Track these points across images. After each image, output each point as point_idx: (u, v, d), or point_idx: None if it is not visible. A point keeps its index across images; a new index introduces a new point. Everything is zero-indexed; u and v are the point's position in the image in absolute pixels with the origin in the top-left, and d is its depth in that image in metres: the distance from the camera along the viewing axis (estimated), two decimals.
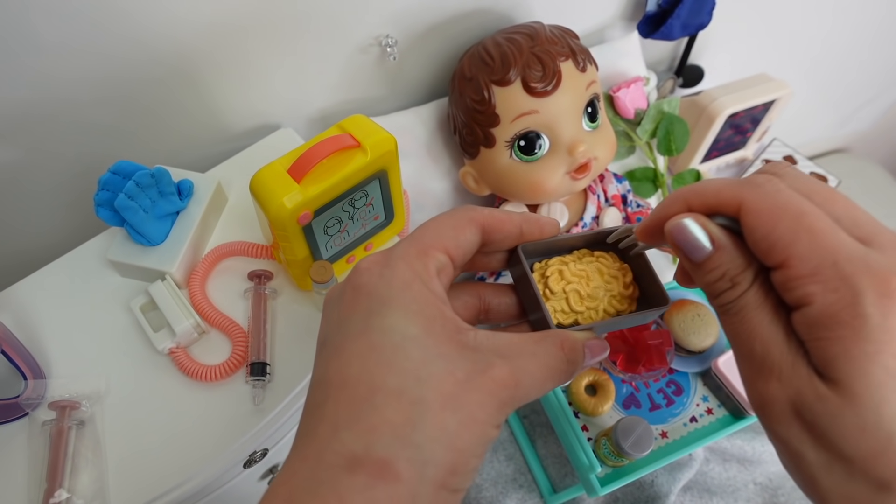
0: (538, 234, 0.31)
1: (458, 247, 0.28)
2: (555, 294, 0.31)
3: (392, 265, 0.26)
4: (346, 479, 0.23)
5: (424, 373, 0.24)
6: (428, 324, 0.25)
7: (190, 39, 0.52)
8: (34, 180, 0.56)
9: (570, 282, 0.31)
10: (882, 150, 1.51)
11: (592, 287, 0.31)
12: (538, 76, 0.56)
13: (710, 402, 0.56)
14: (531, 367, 0.26)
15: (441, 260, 0.27)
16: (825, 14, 0.98)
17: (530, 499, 0.60)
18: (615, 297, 0.31)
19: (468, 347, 0.25)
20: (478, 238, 0.29)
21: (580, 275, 0.31)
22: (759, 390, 0.23)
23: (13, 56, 0.46)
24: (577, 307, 0.30)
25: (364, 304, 0.26)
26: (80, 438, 0.44)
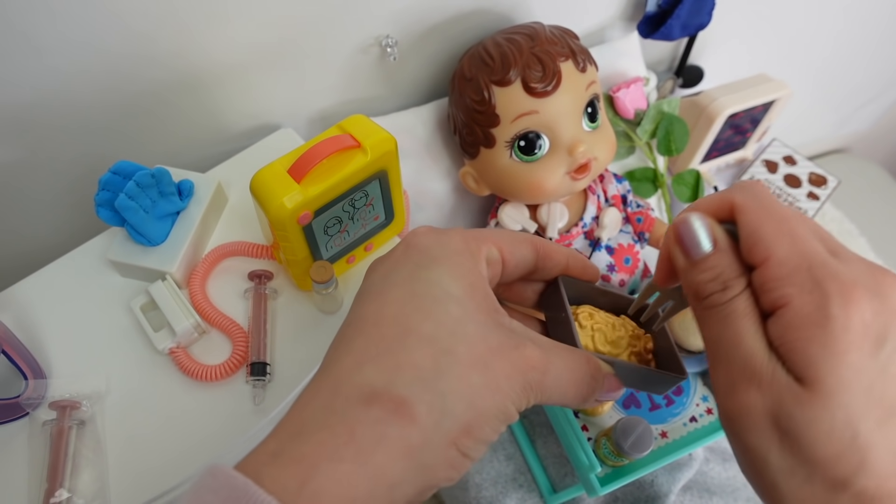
0: (580, 271, 0.32)
1: (512, 253, 0.29)
2: (583, 328, 0.32)
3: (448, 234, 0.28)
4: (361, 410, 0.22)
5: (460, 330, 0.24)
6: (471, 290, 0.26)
7: (190, 40, 0.52)
8: (34, 180, 0.56)
9: (597, 322, 0.32)
10: (882, 150, 1.51)
11: (617, 336, 0.32)
12: (538, 76, 0.56)
13: (710, 401, 0.56)
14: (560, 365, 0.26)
15: (493, 252, 0.28)
16: (825, 14, 0.98)
17: (530, 498, 0.60)
18: (635, 355, 0.32)
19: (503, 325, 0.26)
20: (532, 257, 0.30)
21: (608, 321, 0.32)
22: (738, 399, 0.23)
23: (13, 57, 0.46)
24: (601, 347, 0.31)
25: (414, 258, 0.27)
26: (80, 438, 0.44)
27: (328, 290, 0.48)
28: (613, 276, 0.66)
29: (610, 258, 0.66)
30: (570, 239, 0.65)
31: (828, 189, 0.87)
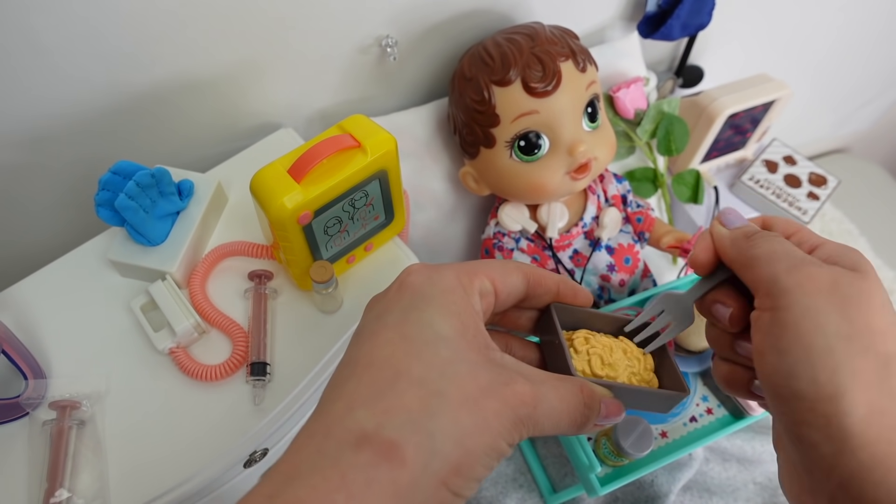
0: (572, 297, 0.33)
1: (505, 284, 0.30)
2: (578, 353, 0.32)
3: (441, 271, 0.28)
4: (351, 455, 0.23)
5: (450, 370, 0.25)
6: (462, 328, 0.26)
7: (190, 40, 0.52)
8: (35, 181, 0.56)
9: (594, 346, 0.32)
10: (882, 150, 1.51)
11: (615, 358, 0.32)
12: (538, 76, 0.56)
13: (710, 401, 0.56)
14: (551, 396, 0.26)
15: (486, 285, 0.29)
16: (825, 14, 0.98)
17: (530, 498, 0.60)
18: (635, 376, 0.32)
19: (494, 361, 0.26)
20: (523, 286, 0.31)
21: (605, 344, 0.32)
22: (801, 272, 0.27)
23: (13, 57, 0.46)
24: (598, 371, 0.31)
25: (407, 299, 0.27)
26: (80, 438, 0.44)
27: (328, 290, 0.48)
28: (613, 276, 0.66)
29: (610, 258, 0.66)
30: (570, 239, 0.65)
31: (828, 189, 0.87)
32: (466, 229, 0.75)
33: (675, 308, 0.35)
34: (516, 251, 0.66)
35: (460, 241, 0.76)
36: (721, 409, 0.56)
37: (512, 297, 0.31)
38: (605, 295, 0.67)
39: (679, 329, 0.35)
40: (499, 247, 0.66)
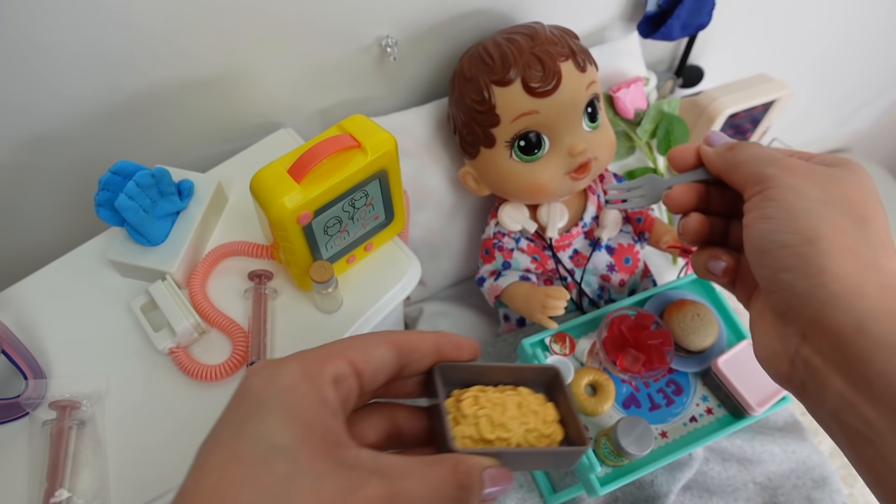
0: (456, 353, 0.30)
1: (367, 361, 0.27)
2: (465, 417, 0.29)
3: (283, 366, 0.26)
4: None
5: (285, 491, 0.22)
6: (304, 432, 0.24)
7: (190, 40, 0.52)
8: (35, 181, 0.56)
9: (483, 407, 0.29)
10: (882, 150, 1.51)
11: (507, 417, 0.29)
12: (538, 76, 0.56)
13: (710, 401, 0.56)
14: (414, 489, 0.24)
15: (341, 368, 0.26)
16: (825, 14, 0.98)
17: (530, 499, 0.60)
18: (531, 433, 0.29)
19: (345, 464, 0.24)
20: (392, 357, 0.28)
21: (496, 402, 0.29)
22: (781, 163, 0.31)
23: (13, 57, 0.46)
24: (487, 434, 0.28)
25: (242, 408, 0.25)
26: (80, 438, 0.44)
27: (328, 290, 0.48)
28: (613, 276, 0.66)
29: (610, 258, 0.66)
30: (569, 239, 0.65)
31: None
32: (466, 229, 0.75)
33: (651, 187, 0.38)
34: (516, 251, 0.66)
35: (460, 241, 0.76)
36: (721, 408, 0.56)
37: (381, 372, 0.28)
38: (605, 295, 0.67)
39: (644, 203, 0.39)
40: (499, 247, 0.66)
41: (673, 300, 0.59)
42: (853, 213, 0.28)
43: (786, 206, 0.28)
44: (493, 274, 0.66)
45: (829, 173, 0.29)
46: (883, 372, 0.25)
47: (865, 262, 0.27)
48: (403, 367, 0.29)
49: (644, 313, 0.54)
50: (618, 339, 0.53)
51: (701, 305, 0.57)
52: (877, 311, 0.25)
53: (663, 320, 0.57)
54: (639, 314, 0.54)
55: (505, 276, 0.65)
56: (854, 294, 0.26)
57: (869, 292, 0.26)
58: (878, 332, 0.25)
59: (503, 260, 0.66)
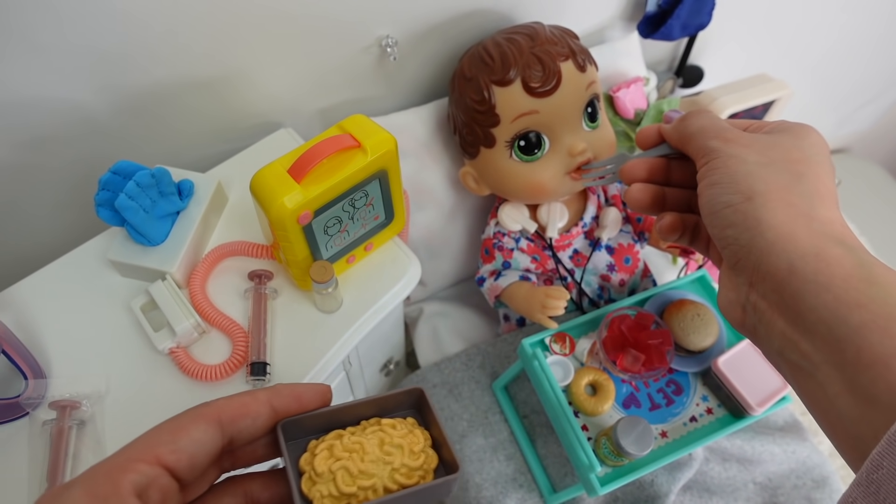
0: (296, 406, 0.27)
1: (179, 451, 0.24)
2: (321, 476, 0.26)
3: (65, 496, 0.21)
4: None
5: None
6: None
7: (190, 40, 0.52)
8: (35, 181, 0.56)
9: (339, 458, 0.26)
10: (882, 150, 1.51)
11: (367, 462, 0.26)
12: (538, 76, 0.56)
13: (710, 401, 0.56)
14: None
15: (146, 473, 0.23)
16: (825, 14, 0.98)
17: (530, 499, 0.60)
18: (398, 471, 0.27)
19: None
20: (212, 435, 0.25)
21: (353, 449, 0.26)
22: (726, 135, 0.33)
23: (14, 56, 0.46)
24: (347, 488, 0.26)
25: None
26: (80, 438, 0.44)
27: (328, 290, 0.48)
28: (613, 276, 0.66)
29: (610, 258, 0.66)
30: (570, 238, 0.65)
31: None
32: (466, 229, 0.75)
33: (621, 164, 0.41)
34: (516, 251, 0.66)
35: (460, 240, 0.76)
36: (721, 408, 0.56)
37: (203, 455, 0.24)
38: (605, 295, 0.67)
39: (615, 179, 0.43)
40: (499, 247, 0.66)
41: (673, 300, 0.59)
42: (790, 171, 0.30)
43: (727, 172, 0.31)
44: (492, 274, 0.66)
45: (770, 139, 0.32)
46: (813, 307, 0.27)
47: (799, 211, 0.29)
48: (234, 439, 0.26)
49: (644, 313, 0.54)
50: (618, 338, 0.53)
51: (701, 305, 0.57)
52: (806, 254, 0.28)
53: (663, 320, 0.57)
54: (639, 314, 0.54)
55: (505, 276, 0.65)
56: (786, 240, 0.28)
57: (799, 237, 0.28)
58: (806, 272, 0.27)
59: (503, 260, 0.66)
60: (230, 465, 0.27)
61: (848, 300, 0.26)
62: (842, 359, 0.25)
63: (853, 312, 0.25)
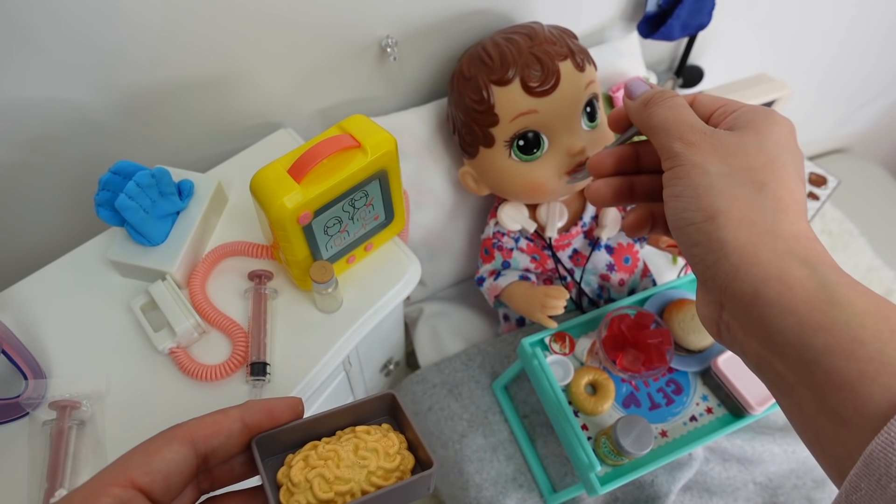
0: (269, 422, 0.27)
1: (153, 472, 0.24)
2: (297, 486, 0.26)
3: None
4: None
5: None
6: None
7: (190, 40, 0.52)
8: (35, 181, 0.56)
9: (314, 467, 0.27)
10: (882, 150, 1.51)
11: (343, 468, 0.27)
12: (537, 76, 0.56)
13: (710, 401, 0.56)
14: None
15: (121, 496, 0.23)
16: (825, 14, 0.98)
17: (530, 498, 0.60)
18: (374, 474, 0.27)
19: None
20: (185, 454, 0.25)
21: (327, 456, 0.27)
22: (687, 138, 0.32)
23: (14, 56, 0.46)
24: (324, 494, 0.26)
25: None
26: (80, 438, 0.45)
27: (328, 290, 0.48)
28: (613, 276, 0.66)
29: (609, 257, 0.66)
30: (569, 238, 0.65)
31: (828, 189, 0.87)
32: (466, 229, 0.75)
33: None
34: (515, 251, 0.66)
35: (460, 240, 0.76)
36: (721, 408, 0.56)
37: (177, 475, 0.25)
38: (604, 294, 0.67)
39: None
40: (498, 246, 0.66)
41: (673, 299, 0.59)
42: (752, 181, 0.30)
43: (690, 185, 0.30)
44: (492, 273, 0.66)
45: (734, 142, 0.31)
46: (780, 331, 0.26)
47: (762, 229, 0.29)
48: (209, 458, 0.26)
49: (644, 312, 0.54)
50: (617, 338, 0.53)
51: None
52: (769, 277, 0.27)
53: (663, 319, 0.57)
54: (638, 313, 0.54)
55: (504, 276, 0.65)
56: (750, 264, 0.28)
57: (763, 260, 0.28)
58: (770, 296, 0.27)
59: (503, 259, 0.66)
60: (208, 485, 0.27)
61: (812, 323, 0.26)
62: (812, 380, 0.25)
63: (817, 336, 0.25)
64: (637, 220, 0.37)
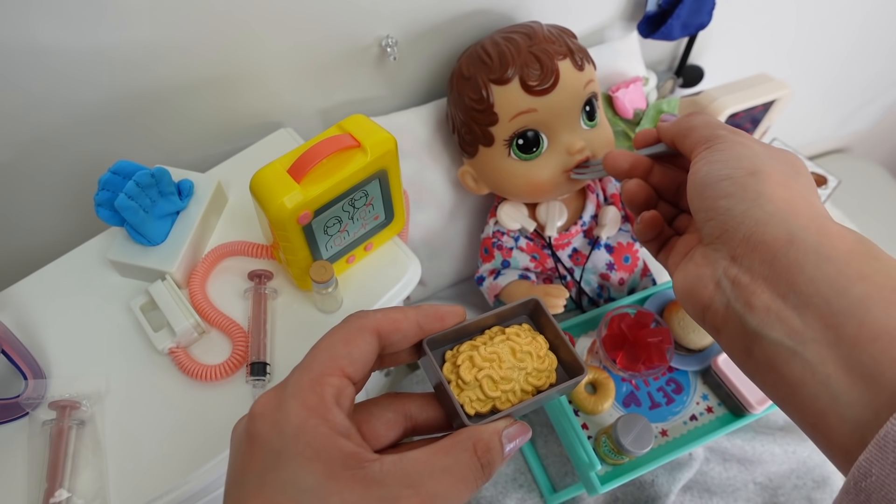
0: (439, 325, 0.30)
1: (354, 362, 0.27)
2: (468, 384, 0.30)
3: (285, 407, 0.26)
4: None
5: None
6: (327, 468, 0.24)
7: (191, 40, 0.52)
8: (34, 180, 0.56)
9: (481, 368, 0.30)
10: (882, 150, 1.51)
11: (506, 369, 0.30)
12: (536, 75, 0.56)
13: (710, 400, 0.56)
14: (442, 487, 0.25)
15: (336, 385, 0.26)
16: (825, 14, 0.98)
17: (530, 498, 0.60)
18: (530, 375, 0.31)
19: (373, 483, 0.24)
20: (374, 345, 0.28)
21: (491, 358, 0.30)
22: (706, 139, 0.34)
23: (13, 56, 0.46)
24: (492, 393, 0.30)
25: (259, 458, 0.25)
26: (80, 438, 0.44)
27: (328, 290, 0.48)
28: (613, 275, 0.66)
29: (609, 257, 0.66)
30: (569, 237, 0.65)
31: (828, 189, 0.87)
32: (466, 229, 0.75)
33: None
34: (515, 250, 0.66)
35: (460, 240, 0.76)
36: (721, 407, 0.56)
37: (367, 364, 0.28)
38: (604, 294, 0.67)
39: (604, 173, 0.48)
40: (498, 246, 0.66)
41: (673, 299, 0.59)
42: (790, 167, 0.31)
43: (733, 153, 0.31)
44: (492, 273, 0.66)
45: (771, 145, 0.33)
46: (812, 279, 0.26)
47: (798, 193, 0.29)
48: (385, 349, 0.29)
49: (644, 311, 0.54)
50: (617, 337, 0.53)
51: None
52: (807, 227, 0.27)
53: (663, 319, 0.57)
54: (639, 312, 0.54)
55: (504, 275, 0.65)
56: (788, 213, 0.28)
57: (800, 213, 0.28)
58: (808, 243, 0.26)
59: (502, 259, 0.66)
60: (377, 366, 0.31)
61: (850, 272, 0.25)
62: (838, 334, 0.24)
63: (855, 285, 0.24)
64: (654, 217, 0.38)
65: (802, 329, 0.25)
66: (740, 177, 0.30)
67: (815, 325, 0.25)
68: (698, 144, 0.33)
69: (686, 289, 0.31)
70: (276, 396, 0.26)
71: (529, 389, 0.31)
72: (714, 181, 0.30)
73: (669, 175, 0.40)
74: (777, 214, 0.28)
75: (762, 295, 0.27)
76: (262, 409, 0.26)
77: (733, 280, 0.29)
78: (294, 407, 0.25)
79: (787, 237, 0.27)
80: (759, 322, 0.27)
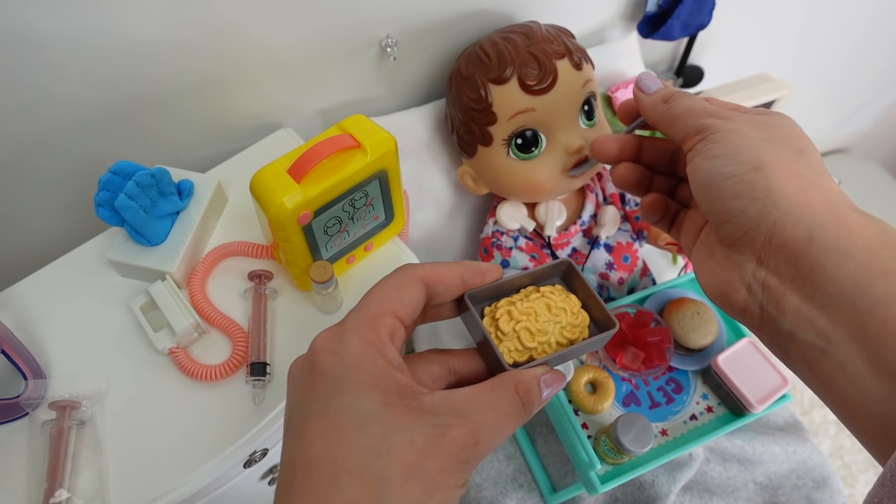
0: (480, 280, 0.32)
1: (405, 307, 0.29)
2: (506, 335, 0.32)
3: (345, 340, 0.28)
4: None
5: (385, 447, 0.25)
6: (384, 396, 0.26)
7: (190, 39, 0.52)
8: (34, 180, 0.56)
9: (519, 321, 0.32)
10: (882, 150, 1.51)
11: (542, 322, 0.32)
12: (534, 74, 0.56)
13: (710, 399, 0.56)
14: (489, 420, 0.27)
15: (391, 324, 0.28)
16: (825, 14, 0.98)
17: (530, 498, 0.60)
18: (565, 329, 0.32)
19: (426, 412, 0.26)
20: (423, 294, 0.30)
21: (528, 312, 0.32)
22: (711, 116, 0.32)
23: (13, 56, 0.46)
24: (529, 343, 0.31)
25: (321, 385, 0.27)
26: (80, 438, 0.44)
27: (328, 290, 0.48)
28: (612, 274, 0.66)
29: (609, 256, 0.66)
30: (568, 237, 0.65)
31: None
32: (466, 229, 0.75)
33: None
34: (515, 250, 0.66)
35: (460, 240, 0.76)
36: (721, 407, 0.56)
37: (416, 311, 0.30)
38: (604, 293, 0.67)
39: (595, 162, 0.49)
40: (497, 245, 0.66)
41: (673, 298, 0.59)
42: (792, 147, 0.30)
43: (729, 145, 0.30)
44: None
45: (763, 119, 0.31)
46: (834, 278, 0.25)
47: (810, 181, 0.28)
48: (431, 299, 0.31)
49: (644, 311, 0.54)
50: (617, 336, 0.53)
51: (701, 304, 0.57)
52: (825, 222, 0.26)
53: (663, 318, 0.57)
54: (638, 312, 0.54)
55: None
56: (803, 209, 0.27)
57: (816, 206, 0.27)
58: (827, 240, 0.26)
59: (502, 258, 0.66)
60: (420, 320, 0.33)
61: (872, 268, 0.25)
62: (863, 333, 0.24)
63: (877, 281, 0.24)
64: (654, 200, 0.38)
65: (830, 329, 0.25)
66: (745, 174, 0.29)
67: (842, 325, 0.25)
68: (689, 136, 0.32)
69: (718, 292, 0.31)
70: (336, 333, 0.28)
71: (564, 342, 0.32)
72: (718, 181, 0.30)
73: (661, 147, 0.39)
74: (793, 211, 0.27)
75: (791, 297, 0.27)
76: (323, 343, 0.28)
77: (763, 283, 0.29)
78: (354, 340, 0.27)
79: (806, 236, 0.26)
80: (791, 323, 0.27)
